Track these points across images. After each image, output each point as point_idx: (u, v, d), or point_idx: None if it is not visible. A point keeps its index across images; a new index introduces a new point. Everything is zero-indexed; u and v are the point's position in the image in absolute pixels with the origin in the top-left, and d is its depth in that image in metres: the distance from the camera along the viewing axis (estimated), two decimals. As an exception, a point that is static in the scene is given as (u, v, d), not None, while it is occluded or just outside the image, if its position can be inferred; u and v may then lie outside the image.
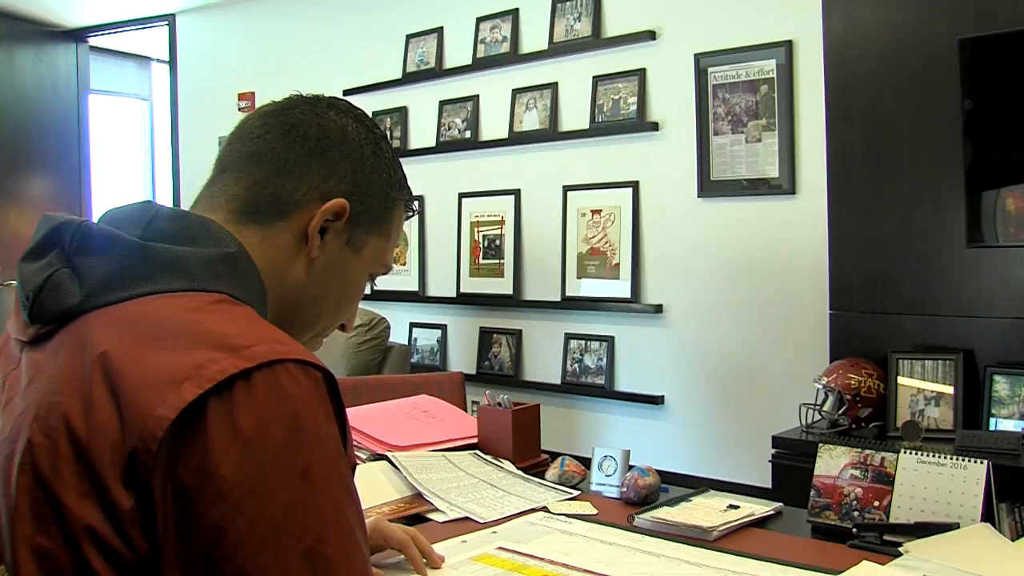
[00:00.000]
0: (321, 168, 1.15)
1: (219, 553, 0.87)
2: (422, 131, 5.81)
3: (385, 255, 1.26)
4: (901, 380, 3.70)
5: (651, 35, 4.80)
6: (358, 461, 2.19)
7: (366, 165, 1.19)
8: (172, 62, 7.25)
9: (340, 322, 1.30)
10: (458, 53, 5.63)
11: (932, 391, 3.65)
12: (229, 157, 1.18)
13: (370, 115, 1.26)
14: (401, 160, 1.28)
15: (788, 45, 4.33)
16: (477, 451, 2.31)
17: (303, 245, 1.16)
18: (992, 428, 3.52)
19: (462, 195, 5.59)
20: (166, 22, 7.22)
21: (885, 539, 1.73)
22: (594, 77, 5.01)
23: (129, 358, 0.93)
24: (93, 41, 7.92)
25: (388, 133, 5.91)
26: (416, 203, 1.32)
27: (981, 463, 1.75)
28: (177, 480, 0.88)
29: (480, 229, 5.50)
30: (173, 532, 0.88)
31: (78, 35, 7.63)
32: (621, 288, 4.92)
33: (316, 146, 1.16)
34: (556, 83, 5.18)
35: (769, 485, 3.73)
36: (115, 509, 0.88)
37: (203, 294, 1.03)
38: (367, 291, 1.31)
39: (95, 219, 1.09)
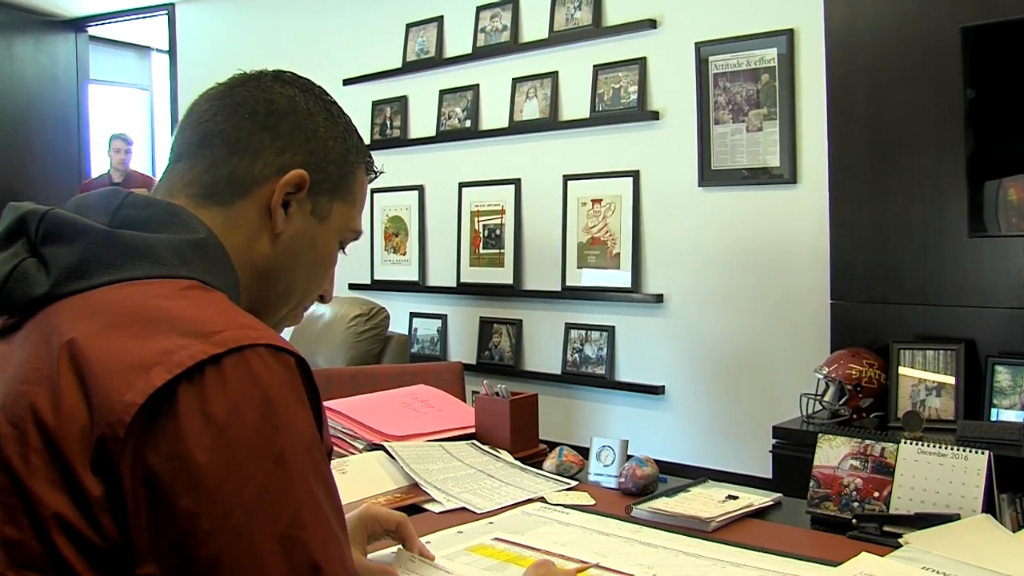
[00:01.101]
0: (274, 142, 1.14)
1: (193, 540, 0.86)
2: (422, 120, 5.79)
3: (353, 220, 1.25)
4: (902, 370, 3.69)
5: (652, 24, 4.78)
6: (354, 452, 2.18)
7: (319, 133, 1.19)
8: (172, 51, 7.24)
9: (317, 293, 1.28)
10: (458, 42, 5.61)
11: (933, 381, 3.64)
12: (181, 144, 1.17)
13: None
14: (401, 150, 1.27)
15: (789, 34, 4.31)
16: (475, 441, 2.30)
17: (268, 221, 1.15)
18: (994, 418, 3.51)
19: (462, 184, 5.57)
20: (165, 11, 7.21)
21: (885, 530, 1.72)
22: (595, 66, 4.99)
23: (97, 345, 0.92)
24: (92, 31, 7.92)
25: (388, 122, 5.90)
26: (376, 164, 1.30)
27: (982, 454, 1.74)
28: (147, 467, 0.87)
29: (480, 219, 5.49)
30: (145, 520, 0.87)
31: (77, 25, 7.62)
32: (622, 278, 4.90)
33: (266, 120, 1.15)
34: (556, 72, 5.16)
35: (770, 475, 3.72)
36: (84, 496, 0.87)
37: (173, 280, 1.02)
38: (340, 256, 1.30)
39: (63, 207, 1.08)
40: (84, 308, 0.97)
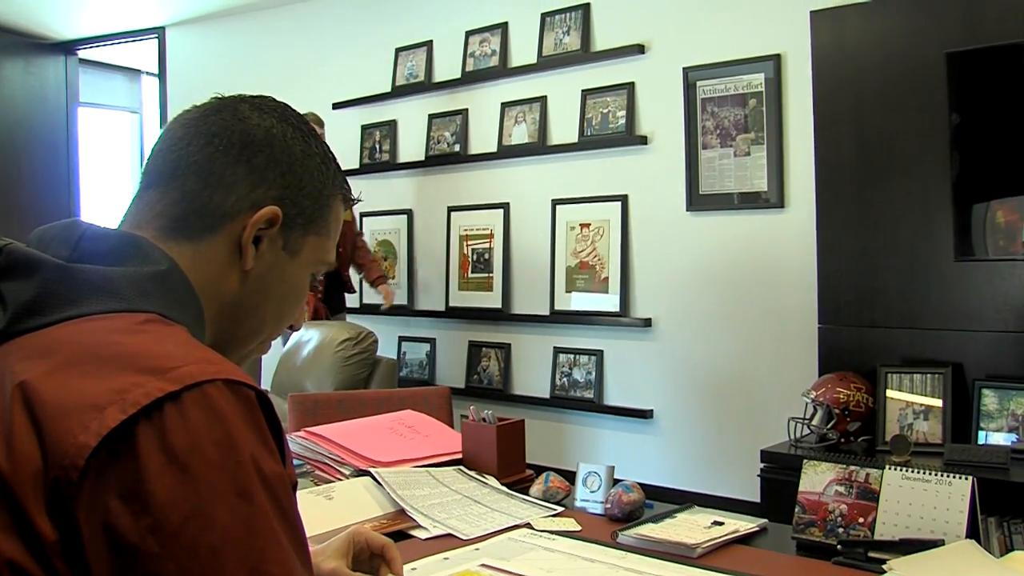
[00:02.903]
0: (249, 176, 1.11)
1: None
2: (411, 144, 5.81)
3: (326, 253, 1.22)
4: (890, 394, 3.69)
5: (640, 49, 4.80)
6: (341, 477, 2.18)
7: (296, 166, 1.15)
8: (162, 75, 7.25)
9: (287, 325, 1.25)
10: (447, 67, 5.64)
11: (921, 405, 3.64)
12: (153, 171, 1.13)
13: (321, 122, 1.22)
14: (390, 174, 1.25)
15: (776, 59, 4.34)
16: (461, 467, 2.30)
17: (237, 257, 1.12)
18: (981, 442, 3.52)
19: (451, 208, 5.58)
20: (156, 35, 7.22)
21: (870, 556, 1.72)
22: (583, 91, 5.01)
23: (50, 385, 0.89)
24: (82, 54, 7.92)
25: (378, 146, 5.91)
26: (354, 193, 1.27)
27: (966, 479, 1.74)
28: (107, 510, 0.84)
29: (469, 243, 5.49)
30: (107, 565, 0.84)
31: (67, 47, 7.63)
32: (610, 302, 4.91)
33: (241, 153, 1.11)
34: (545, 97, 5.18)
35: (758, 499, 3.72)
36: (38, 541, 0.85)
37: (131, 314, 0.99)
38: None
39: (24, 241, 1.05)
40: (39, 346, 0.94)
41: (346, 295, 5.59)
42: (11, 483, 0.86)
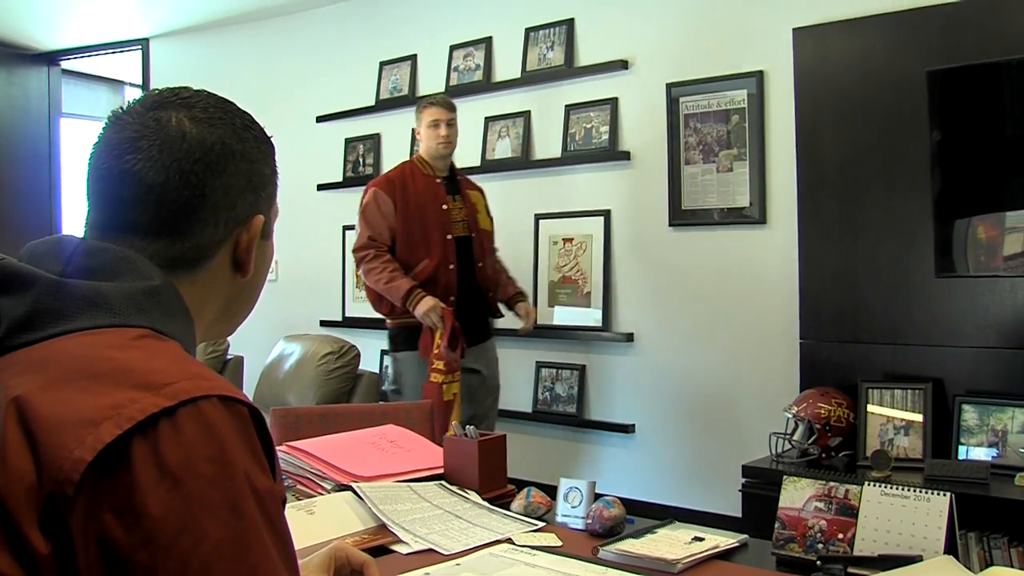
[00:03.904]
0: (226, 197, 1.11)
1: None
2: (395, 158, 5.78)
3: (277, 211, 1.24)
4: (871, 409, 3.71)
5: (623, 64, 4.82)
6: (323, 492, 2.17)
7: (254, 166, 1.14)
8: (145, 86, 7.24)
9: None
10: (431, 81, 5.64)
11: (901, 420, 3.66)
12: (121, 212, 1.09)
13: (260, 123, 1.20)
14: None
15: (759, 76, 4.36)
16: (443, 482, 2.30)
17: (234, 268, 1.15)
18: (961, 457, 3.54)
19: (435, 222, 5.57)
20: (140, 46, 7.20)
21: (849, 571, 1.73)
22: (566, 106, 5.03)
23: (45, 400, 0.90)
24: (65, 64, 7.89)
25: (361, 160, 5.91)
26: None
27: (944, 495, 1.75)
28: (100, 524, 0.85)
29: (452, 256, 5.48)
30: None
31: (50, 58, 7.61)
32: (592, 316, 4.92)
33: (208, 181, 1.09)
34: (529, 111, 5.20)
35: (739, 514, 3.72)
36: (31, 555, 0.85)
37: (125, 329, 1.00)
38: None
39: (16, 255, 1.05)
40: (33, 362, 0.95)
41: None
42: (3, 497, 0.86)
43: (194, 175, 1.07)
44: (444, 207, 4.37)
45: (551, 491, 2.23)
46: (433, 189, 4.40)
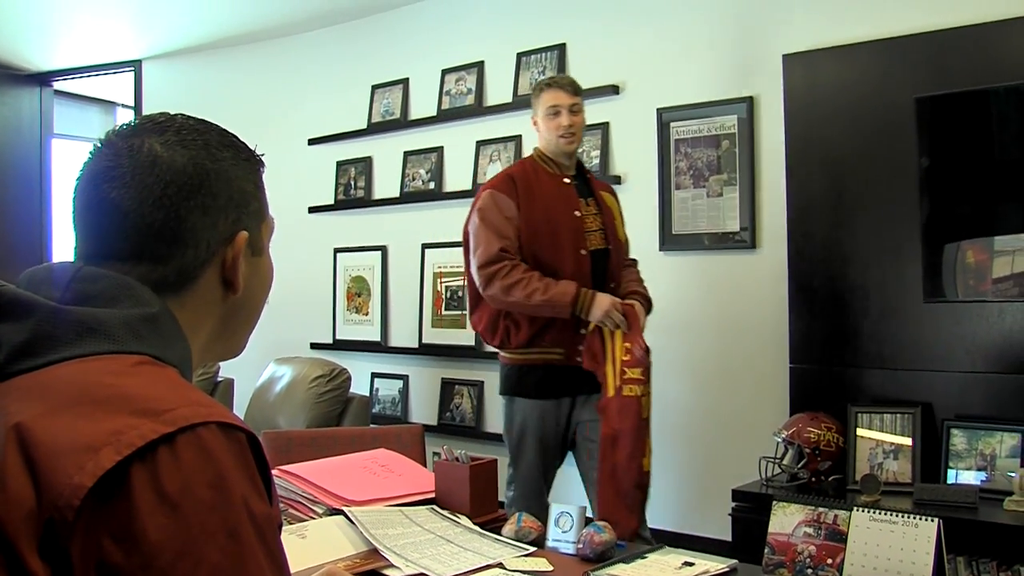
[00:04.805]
0: (205, 217, 1.11)
1: None
2: (386, 181, 5.82)
3: (271, 224, 1.24)
4: (860, 433, 3.73)
5: (615, 89, 4.85)
6: (314, 516, 2.18)
7: (234, 184, 1.15)
8: (137, 107, 7.25)
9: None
10: (423, 104, 5.67)
11: (891, 444, 3.67)
12: (103, 240, 1.10)
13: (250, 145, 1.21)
14: (365, 210, 1.26)
15: (749, 101, 4.39)
16: (434, 506, 2.30)
17: (223, 286, 1.15)
18: (950, 481, 3.55)
19: (425, 246, 5.59)
20: (132, 68, 7.22)
21: (839, 597, 1.74)
22: (558, 130, 5.04)
23: (45, 426, 0.91)
24: (58, 85, 7.90)
25: (353, 183, 5.93)
26: (260, 154, 1.24)
27: (932, 521, 1.77)
28: (100, 549, 0.86)
29: (443, 280, 5.50)
30: None
31: (43, 79, 7.61)
32: (583, 339, 4.91)
33: (182, 203, 1.09)
34: (520, 135, 5.21)
35: (729, 538, 3.73)
36: None
37: (124, 356, 1.01)
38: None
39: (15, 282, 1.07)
40: (33, 388, 0.96)
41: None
42: (3, 522, 0.87)
43: (167, 198, 1.08)
44: (576, 213, 3.61)
45: (541, 516, 2.23)
46: (563, 192, 3.63)
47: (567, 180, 3.65)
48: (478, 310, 3.71)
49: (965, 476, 3.55)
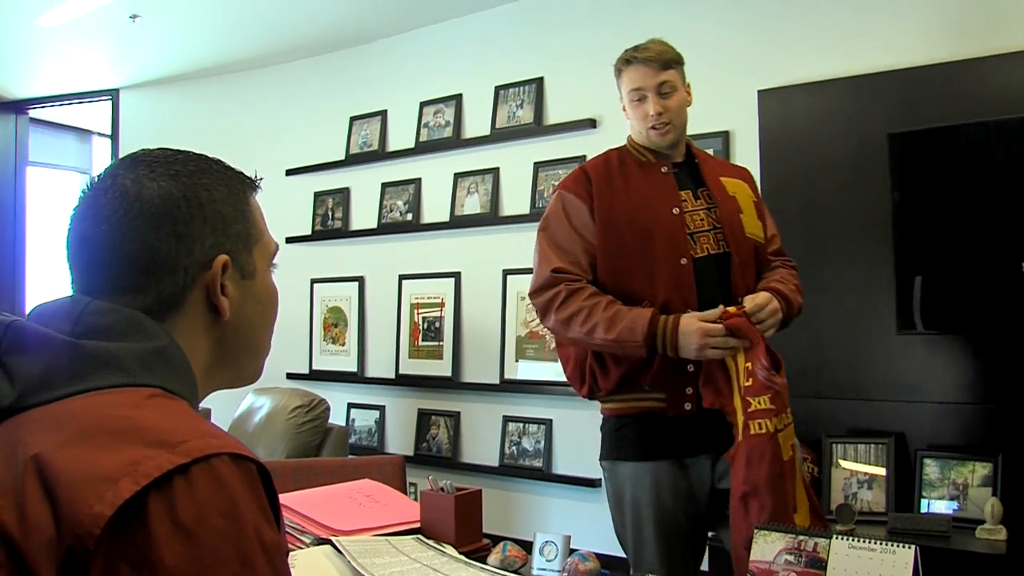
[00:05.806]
0: (179, 244, 1.13)
1: None
2: (364, 212, 5.85)
3: (269, 246, 1.27)
4: (835, 463, 3.77)
5: (592, 123, 4.90)
6: (301, 546, 2.19)
7: (213, 208, 1.17)
8: (114, 136, 7.24)
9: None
10: (401, 136, 5.70)
11: (865, 474, 3.72)
12: (92, 274, 1.14)
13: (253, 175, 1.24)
14: (342, 241, 1.26)
15: (725, 135, 4.44)
16: (420, 536, 2.32)
17: (211, 312, 1.17)
18: (924, 510, 3.60)
19: (402, 277, 5.62)
20: (110, 97, 7.22)
21: (820, 625, 1.77)
22: (535, 163, 5.09)
23: (63, 457, 0.94)
24: (33, 113, 7.89)
25: (330, 213, 5.95)
26: (255, 178, 1.28)
27: (909, 548, 1.80)
28: None
29: (420, 311, 5.53)
30: None
31: (19, 106, 7.60)
32: (559, 371, 4.92)
33: (151, 233, 1.12)
34: (498, 168, 5.26)
35: (707, 568, 3.75)
36: None
37: (137, 389, 1.04)
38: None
39: (24, 316, 1.10)
40: (50, 420, 0.99)
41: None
42: (23, 551, 0.90)
43: (136, 230, 1.11)
44: (675, 211, 2.71)
45: (525, 545, 2.26)
46: (658, 184, 2.78)
47: (664, 169, 2.80)
48: (562, 349, 2.97)
49: (938, 505, 3.61)
